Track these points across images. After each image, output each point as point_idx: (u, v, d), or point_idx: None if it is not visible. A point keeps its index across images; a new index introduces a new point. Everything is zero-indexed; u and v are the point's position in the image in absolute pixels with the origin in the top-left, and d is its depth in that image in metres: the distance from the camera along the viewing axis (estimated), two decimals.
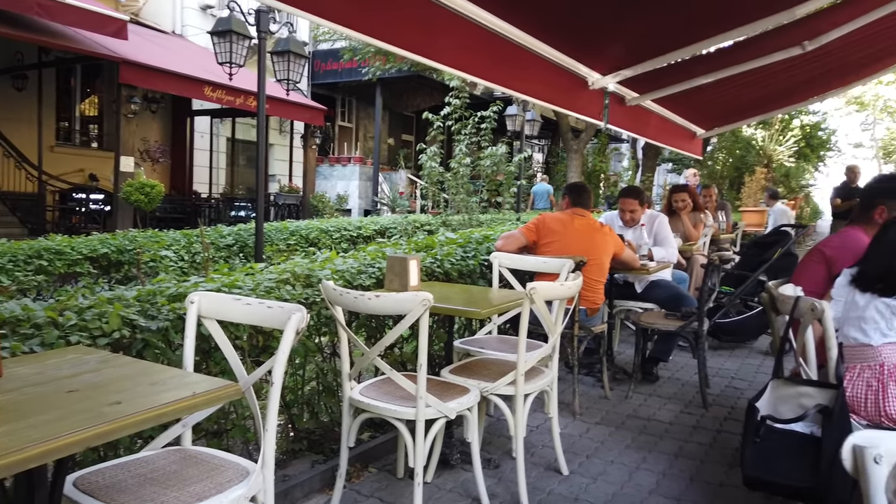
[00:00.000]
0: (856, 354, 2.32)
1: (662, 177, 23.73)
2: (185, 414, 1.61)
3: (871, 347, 2.27)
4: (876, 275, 2.31)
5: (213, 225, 9.42)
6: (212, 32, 8.02)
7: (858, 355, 2.31)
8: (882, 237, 2.38)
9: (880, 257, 2.33)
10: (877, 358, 2.25)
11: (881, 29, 4.37)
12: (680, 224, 5.92)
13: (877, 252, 2.36)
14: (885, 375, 2.21)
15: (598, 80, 4.36)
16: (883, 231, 2.40)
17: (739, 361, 5.04)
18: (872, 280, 2.31)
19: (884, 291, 2.28)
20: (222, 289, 2.52)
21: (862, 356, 2.30)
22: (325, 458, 2.89)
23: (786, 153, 19.25)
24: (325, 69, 17.10)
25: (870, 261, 2.37)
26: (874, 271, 2.32)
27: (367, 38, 2.85)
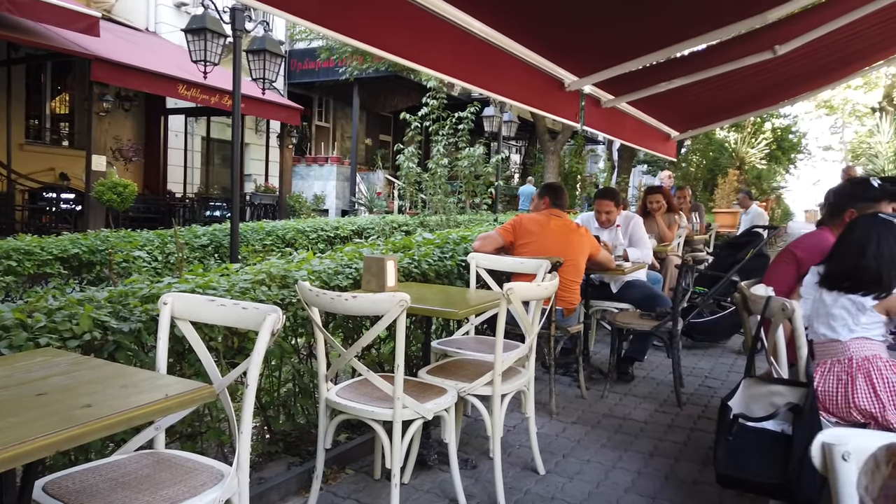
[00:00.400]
0: (825, 350, 2.39)
1: (638, 178, 23.98)
2: (157, 417, 1.58)
3: (840, 343, 2.35)
4: (842, 273, 2.38)
5: (187, 225, 9.29)
6: (186, 30, 7.92)
7: (828, 351, 2.38)
8: (847, 237, 2.44)
9: (846, 256, 2.39)
10: (845, 353, 2.33)
11: (849, 34, 4.47)
12: (654, 225, 5.99)
13: (842, 251, 2.43)
14: (853, 369, 2.29)
15: (574, 82, 4.39)
16: (848, 230, 2.47)
17: (713, 361, 5.12)
18: (839, 279, 2.38)
19: (850, 289, 2.35)
20: (196, 290, 2.49)
21: (832, 351, 2.37)
22: (302, 460, 2.87)
23: (758, 155, 19.56)
24: (301, 68, 16.99)
25: (835, 260, 2.44)
26: (840, 270, 2.39)
27: (343, 37, 2.84)
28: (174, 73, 10.77)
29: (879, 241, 2.33)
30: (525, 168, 23.19)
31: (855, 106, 28.99)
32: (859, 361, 2.29)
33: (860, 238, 2.37)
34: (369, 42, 2.91)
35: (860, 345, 2.32)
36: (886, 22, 4.52)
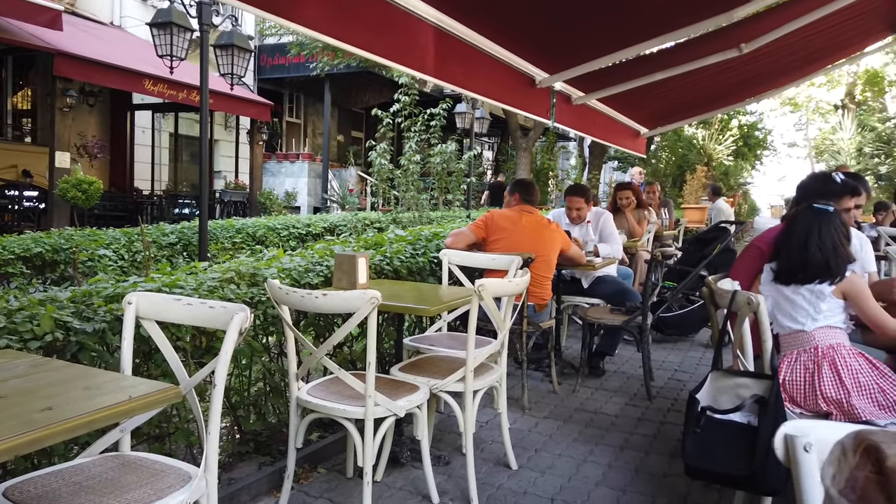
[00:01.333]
0: (791, 341, 2.46)
1: (609, 174, 24.22)
2: (121, 419, 1.55)
3: (805, 333, 2.42)
4: (792, 268, 2.47)
5: (155, 223, 9.13)
6: (151, 24, 7.76)
7: (794, 341, 2.45)
8: (790, 231, 2.52)
9: (791, 251, 2.48)
10: (811, 342, 2.40)
11: (813, 33, 4.56)
12: (624, 221, 6.06)
13: (787, 247, 2.51)
14: (819, 357, 2.36)
15: (545, 79, 4.41)
16: (790, 225, 2.55)
17: (682, 354, 5.19)
18: (791, 273, 2.46)
19: (804, 280, 2.43)
20: (163, 289, 2.44)
21: (798, 342, 2.44)
22: (273, 459, 2.84)
23: (725, 152, 19.90)
24: (271, 64, 16.77)
25: (783, 256, 2.52)
26: (790, 265, 2.48)
27: (313, 32, 2.81)
28: (140, 67, 10.56)
29: (821, 231, 2.42)
30: (497, 164, 23.25)
31: (818, 103, 29.66)
32: (824, 349, 2.36)
33: (802, 231, 2.46)
34: (339, 37, 2.89)
35: (825, 333, 2.39)
36: (847, 21, 4.63)
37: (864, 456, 0.53)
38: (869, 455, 0.53)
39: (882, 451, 0.52)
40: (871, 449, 0.53)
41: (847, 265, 2.42)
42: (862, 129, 22.56)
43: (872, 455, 0.53)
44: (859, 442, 0.55)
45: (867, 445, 0.54)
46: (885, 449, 0.53)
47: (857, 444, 0.55)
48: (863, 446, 0.54)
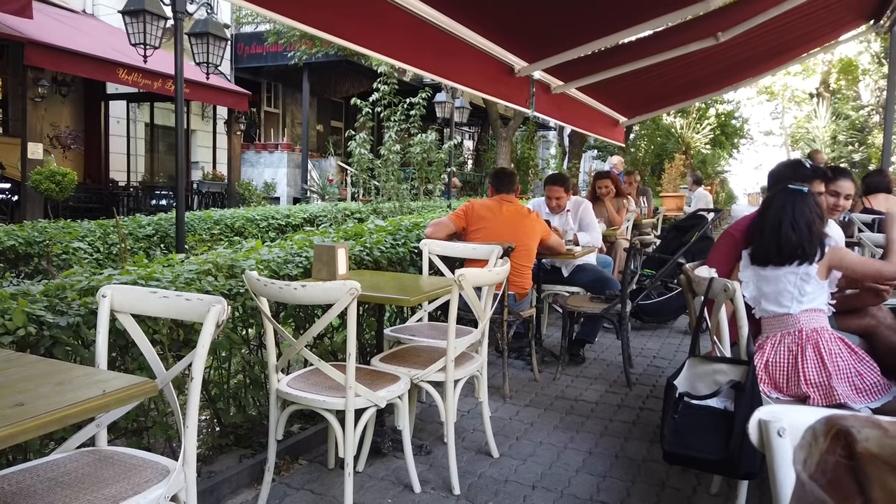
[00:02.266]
0: (776, 324, 2.47)
1: (588, 163, 24.33)
2: (95, 414, 1.53)
3: (791, 316, 2.43)
4: (766, 248, 2.48)
5: (132, 214, 9.00)
6: (123, 12, 7.61)
7: (778, 324, 2.46)
8: (764, 214, 2.54)
9: (765, 233, 2.49)
10: (795, 325, 2.41)
11: (787, 22, 4.60)
12: (604, 210, 6.09)
13: (762, 229, 2.52)
14: (803, 339, 2.38)
15: (524, 68, 4.41)
16: (764, 208, 2.57)
17: (661, 341, 5.25)
18: (768, 255, 2.47)
19: (780, 261, 2.44)
20: (138, 281, 2.41)
21: (782, 324, 2.45)
22: (254, 452, 2.83)
23: (702, 140, 20.08)
24: (249, 53, 16.55)
25: (758, 238, 2.53)
26: (766, 247, 2.49)
27: (290, 21, 2.77)
28: (114, 56, 10.36)
29: (794, 211, 2.44)
30: (478, 154, 23.24)
31: (794, 92, 30.00)
32: (808, 332, 2.38)
33: (775, 213, 2.48)
34: (316, 26, 2.86)
35: (809, 316, 2.41)
36: (822, 10, 4.68)
37: (834, 440, 0.54)
38: (839, 439, 0.54)
39: (853, 435, 0.53)
40: (842, 433, 0.54)
41: (822, 243, 2.43)
42: (836, 118, 22.88)
43: (843, 439, 0.53)
44: (830, 426, 0.55)
45: (838, 430, 0.54)
46: (856, 433, 0.53)
47: (828, 429, 0.55)
48: (834, 430, 0.54)
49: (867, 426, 0.54)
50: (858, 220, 4.87)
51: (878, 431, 0.53)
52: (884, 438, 0.53)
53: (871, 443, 0.52)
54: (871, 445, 0.52)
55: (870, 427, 0.54)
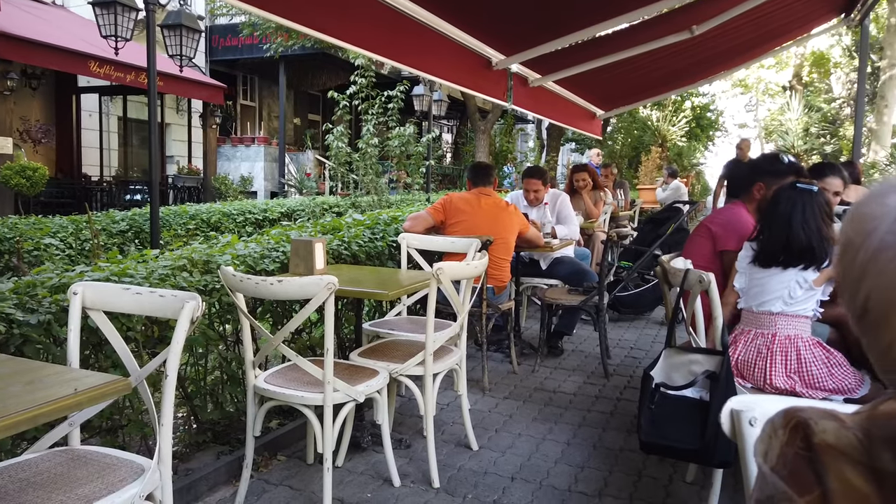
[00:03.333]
0: (753, 320, 2.44)
1: (566, 156, 24.44)
2: (67, 413, 1.51)
3: (770, 316, 2.37)
4: (774, 249, 2.38)
5: (105, 210, 8.85)
6: (93, 3, 7.46)
7: (755, 321, 2.42)
8: (773, 211, 2.43)
9: (774, 230, 2.38)
10: (771, 327, 2.36)
11: (761, 15, 4.65)
12: (581, 202, 6.12)
13: (770, 226, 2.42)
14: (774, 345, 2.33)
15: (501, 61, 4.40)
16: (773, 205, 2.46)
17: (638, 332, 5.30)
18: (773, 255, 2.38)
19: (787, 262, 2.35)
20: (111, 278, 2.37)
21: (758, 322, 2.41)
22: (232, 448, 2.81)
23: (678, 133, 20.27)
24: (223, 45, 16.33)
25: (766, 235, 2.43)
26: (772, 246, 2.39)
27: (263, 12, 2.74)
28: (85, 49, 10.16)
29: (804, 211, 2.34)
30: (457, 147, 23.22)
31: (767, 85, 30.39)
32: (781, 339, 2.33)
33: (785, 210, 2.37)
34: (290, 18, 2.82)
35: (787, 322, 2.34)
36: (794, 4, 4.73)
37: (793, 432, 0.55)
38: (798, 431, 0.55)
39: (810, 426, 0.54)
40: (801, 425, 0.55)
41: (832, 248, 2.31)
42: (809, 110, 23.23)
43: (801, 431, 0.54)
44: (789, 419, 0.56)
45: (797, 422, 0.55)
46: (813, 425, 0.54)
47: (787, 421, 0.56)
48: (792, 423, 0.55)
49: (824, 418, 0.55)
50: None
51: (834, 423, 0.54)
52: (840, 430, 0.54)
53: (828, 434, 0.53)
54: (828, 437, 0.53)
55: (827, 419, 0.55)
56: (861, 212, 0.47)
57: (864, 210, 0.47)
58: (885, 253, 0.44)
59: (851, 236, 0.47)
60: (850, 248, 0.47)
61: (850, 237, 0.47)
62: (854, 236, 0.47)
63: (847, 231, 0.48)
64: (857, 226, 0.47)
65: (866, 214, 0.47)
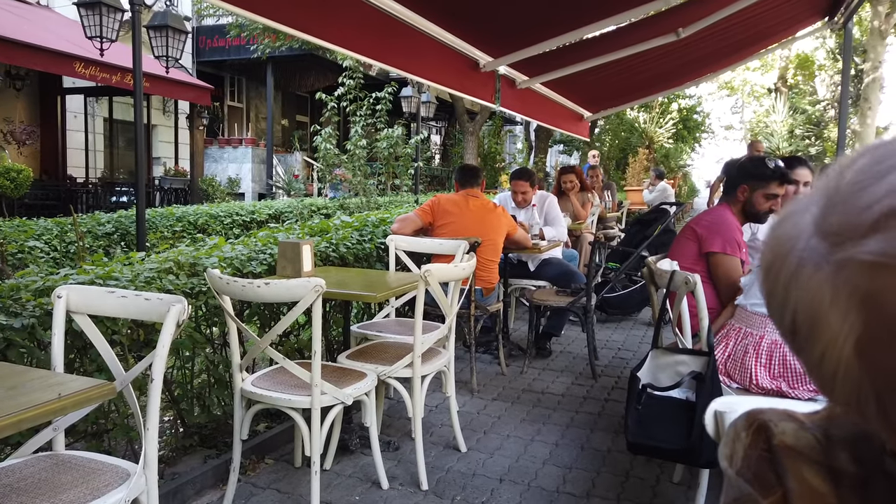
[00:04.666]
0: (745, 318, 2.44)
1: (554, 158, 24.52)
2: (51, 417, 1.49)
3: (762, 318, 2.37)
4: None
5: (91, 211, 8.77)
6: (78, 4, 7.40)
7: (747, 320, 2.43)
8: None
9: None
10: (760, 329, 2.37)
11: (746, 18, 4.69)
12: (569, 204, 6.14)
13: None
14: (760, 347, 2.34)
15: (489, 63, 4.41)
16: None
17: (625, 333, 5.33)
18: None
19: None
20: (96, 281, 2.35)
21: (749, 321, 2.42)
22: (219, 452, 2.79)
23: (665, 135, 20.40)
24: (211, 46, 16.24)
25: None
26: None
27: (251, 14, 2.73)
28: (70, 49, 10.06)
29: None
30: (445, 149, 23.23)
31: (753, 87, 30.62)
32: (769, 343, 2.34)
33: None
34: (278, 20, 2.82)
35: (773, 326, 2.35)
36: (779, 7, 4.78)
37: (755, 434, 0.56)
38: (760, 433, 0.55)
39: (770, 428, 0.55)
40: (762, 427, 0.56)
41: None
42: (793, 112, 23.48)
43: (762, 433, 0.55)
44: (751, 421, 0.57)
45: (758, 424, 0.56)
46: (773, 427, 0.55)
47: (749, 424, 0.57)
48: (755, 425, 0.56)
49: (783, 419, 0.56)
50: None
51: (793, 424, 0.55)
52: (799, 430, 0.55)
53: (786, 435, 0.54)
54: (787, 438, 0.54)
55: (786, 420, 0.56)
56: (776, 234, 0.48)
57: (778, 232, 0.48)
58: (804, 270, 0.45)
59: (771, 259, 0.48)
60: (771, 270, 0.48)
61: (770, 260, 0.48)
62: (773, 259, 0.48)
63: (766, 255, 0.49)
64: (774, 248, 0.48)
65: (781, 236, 0.47)
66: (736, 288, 2.69)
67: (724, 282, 2.73)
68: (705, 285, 2.60)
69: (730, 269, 2.73)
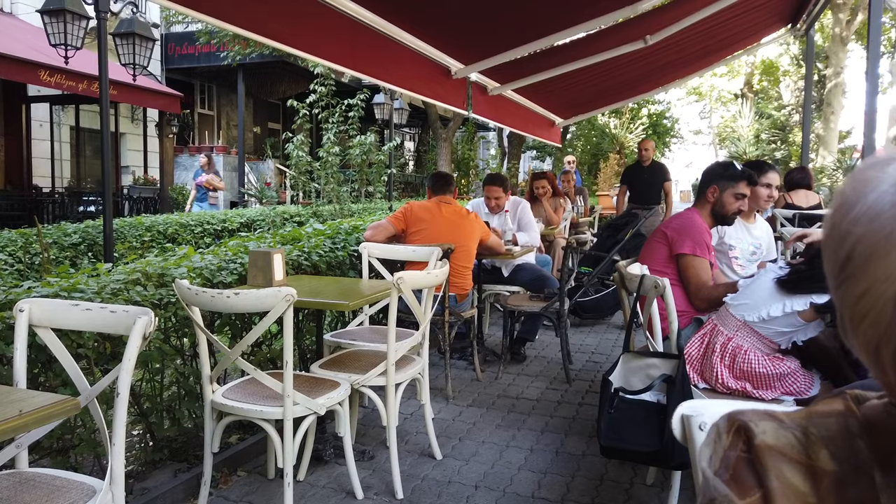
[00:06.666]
0: (723, 316, 2.45)
1: (527, 164, 24.67)
2: (13, 435, 1.45)
3: (736, 320, 2.38)
4: (801, 279, 2.28)
5: (57, 222, 8.58)
6: (42, 11, 7.26)
7: (723, 318, 2.44)
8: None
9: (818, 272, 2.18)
10: (731, 330, 2.39)
11: (711, 26, 4.79)
12: (541, 209, 6.18)
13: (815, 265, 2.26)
14: (726, 349, 2.37)
15: (460, 70, 4.44)
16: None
17: (599, 337, 5.37)
18: (798, 283, 2.28)
19: (793, 289, 2.28)
20: (60, 293, 2.30)
21: (724, 321, 2.43)
22: (190, 465, 2.74)
23: (636, 140, 20.65)
24: (180, 53, 16.03)
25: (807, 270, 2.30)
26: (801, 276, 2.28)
27: (219, 21, 2.71)
28: (34, 57, 9.85)
29: None
30: (419, 155, 23.23)
31: (720, 93, 31.20)
32: (734, 346, 2.36)
33: None
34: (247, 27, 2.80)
35: (746, 334, 2.36)
36: (744, 14, 4.88)
37: (735, 436, 0.57)
38: (740, 434, 0.56)
39: (751, 429, 0.56)
40: (742, 428, 0.56)
41: None
42: (759, 117, 23.94)
43: (743, 434, 0.56)
44: (731, 422, 0.58)
45: (738, 425, 0.57)
46: (753, 427, 0.56)
47: (730, 425, 0.58)
48: (735, 426, 0.57)
49: (764, 419, 0.57)
50: (780, 215, 5.11)
51: (773, 423, 0.56)
52: (779, 430, 0.55)
53: (767, 435, 0.55)
54: (767, 438, 0.55)
55: (766, 420, 0.57)
56: (860, 176, 0.51)
57: (863, 174, 0.51)
58: (881, 205, 0.47)
59: (849, 194, 0.51)
60: (844, 205, 0.51)
61: (847, 195, 0.51)
62: (851, 194, 0.50)
63: (845, 191, 0.51)
64: (855, 186, 0.50)
65: (866, 178, 0.50)
66: (705, 289, 2.74)
67: (693, 283, 2.77)
68: (675, 288, 2.64)
69: (699, 271, 2.77)
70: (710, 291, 2.72)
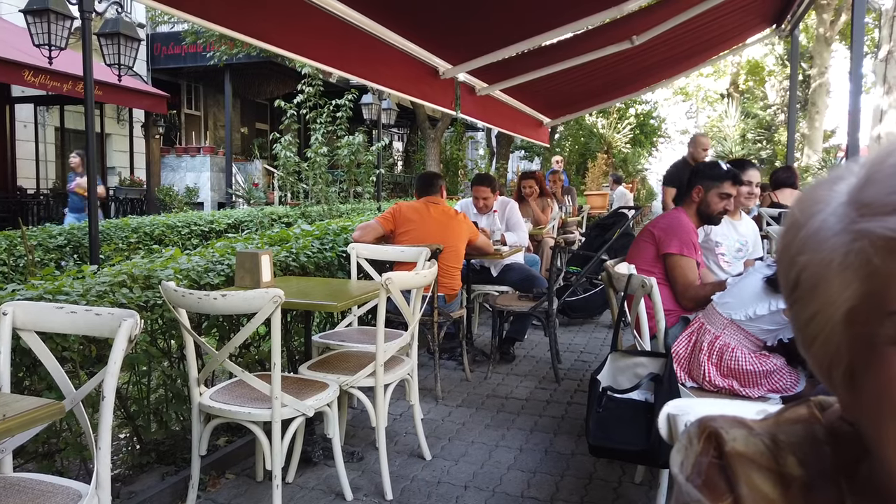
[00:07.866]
0: (710, 314, 2.46)
1: (516, 164, 24.71)
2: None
3: (721, 318, 2.40)
4: None
5: (42, 224, 8.49)
6: (25, 11, 7.18)
7: (711, 316, 2.45)
8: None
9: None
10: (719, 329, 2.40)
11: (697, 26, 4.82)
12: (530, 209, 6.20)
13: None
14: (714, 347, 2.39)
15: (448, 70, 4.44)
16: None
17: (587, 336, 5.39)
18: None
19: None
20: (45, 296, 2.28)
21: (712, 319, 2.44)
22: (178, 468, 2.72)
23: (623, 140, 20.76)
24: (166, 53, 15.92)
25: None
26: None
27: (205, 22, 2.70)
28: (18, 58, 9.74)
29: None
30: (408, 155, 23.21)
31: (707, 92, 31.39)
32: (721, 344, 2.37)
33: None
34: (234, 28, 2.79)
35: (732, 331, 2.37)
36: (729, 15, 4.92)
37: (707, 442, 0.57)
38: (711, 441, 0.57)
39: (721, 436, 0.56)
40: (713, 435, 0.57)
41: None
42: (745, 117, 24.12)
43: (713, 441, 0.57)
44: (703, 429, 0.58)
45: (710, 431, 0.57)
46: (724, 434, 0.56)
47: (701, 431, 0.58)
48: (706, 432, 0.57)
49: (734, 426, 0.57)
50: (766, 214, 5.15)
51: (744, 430, 0.57)
52: (749, 437, 0.56)
53: (737, 442, 0.56)
54: (737, 445, 0.56)
55: (737, 427, 0.57)
56: (809, 195, 0.52)
57: (812, 194, 0.51)
58: (825, 233, 0.47)
59: (797, 216, 0.51)
60: (794, 226, 0.51)
61: (797, 217, 0.51)
62: (799, 216, 0.51)
63: (794, 211, 0.52)
64: (803, 207, 0.51)
65: (813, 197, 0.51)
66: (692, 288, 2.76)
67: (680, 282, 2.79)
68: (662, 287, 2.65)
69: (686, 270, 2.79)
70: (697, 291, 2.74)
